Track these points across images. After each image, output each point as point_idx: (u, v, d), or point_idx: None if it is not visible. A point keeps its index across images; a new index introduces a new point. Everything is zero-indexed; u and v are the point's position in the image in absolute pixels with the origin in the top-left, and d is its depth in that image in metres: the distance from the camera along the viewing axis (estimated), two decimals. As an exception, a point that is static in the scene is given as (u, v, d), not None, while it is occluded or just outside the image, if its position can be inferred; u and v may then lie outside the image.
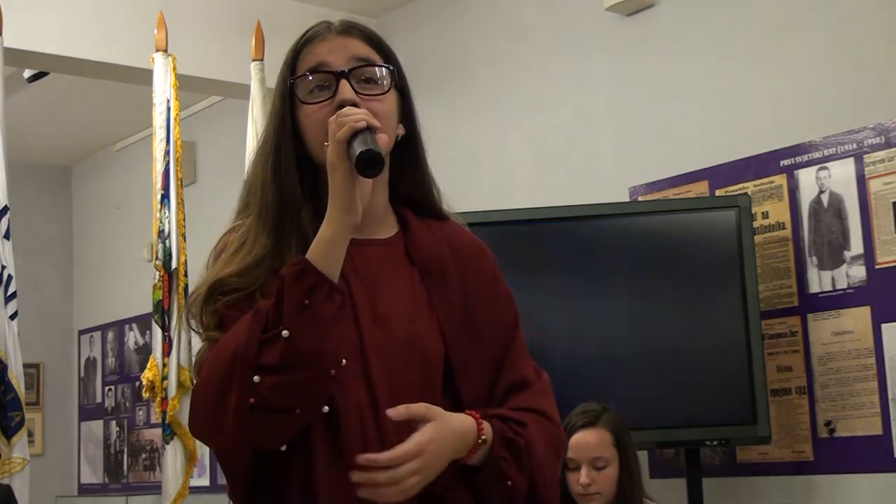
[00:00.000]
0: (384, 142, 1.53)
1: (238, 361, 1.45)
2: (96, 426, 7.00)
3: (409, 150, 1.71)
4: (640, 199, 3.95)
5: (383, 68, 1.66)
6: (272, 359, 1.43)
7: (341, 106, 1.57)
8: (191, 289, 1.65)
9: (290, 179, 1.62)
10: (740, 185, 3.68)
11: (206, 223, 1.72)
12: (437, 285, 1.66)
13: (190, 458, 4.01)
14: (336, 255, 1.50)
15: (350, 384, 1.55)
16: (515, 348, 1.69)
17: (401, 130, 1.69)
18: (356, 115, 1.51)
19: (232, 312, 1.53)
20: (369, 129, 1.50)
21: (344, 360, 1.50)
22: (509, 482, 1.57)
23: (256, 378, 1.43)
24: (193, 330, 1.61)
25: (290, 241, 1.58)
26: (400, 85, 1.69)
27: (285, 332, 1.43)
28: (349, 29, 1.68)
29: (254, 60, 4.24)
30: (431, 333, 1.62)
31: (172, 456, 3.98)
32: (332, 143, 1.50)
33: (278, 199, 1.61)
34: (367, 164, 1.46)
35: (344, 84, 1.61)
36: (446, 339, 1.62)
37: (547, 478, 1.62)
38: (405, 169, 1.71)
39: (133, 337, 6.70)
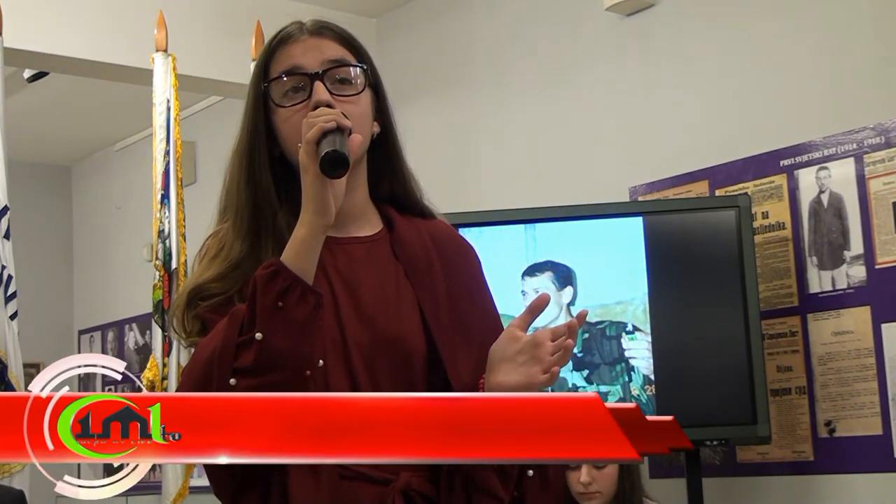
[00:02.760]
0: (357, 142, 1.53)
1: (215, 364, 1.46)
2: (96, 426, 7.00)
3: (385, 147, 1.72)
4: (640, 199, 3.95)
5: (357, 68, 1.66)
6: (247, 361, 1.44)
7: (317, 107, 1.57)
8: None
9: (264, 182, 1.63)
10: (740, 185, 3.68)
11: (206, 223, 1.72)
12: (422, 282, 1.66)
13: (190, 458, 4.01)
14: (310, 256, 1.50)
15: (333, 380, 1.56)
16: None
17: (376, 128, 1.69)
18: (326, 116, 1.51)
19: (213, 316, 1.54)
20: (339, 130, 1.50)
21: (321, 361, 1.50)
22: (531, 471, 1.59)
23: (233, 381, 1.44)
24: (177, 335, 1.61)
25: (267, 244, 1.58)
26: (374, 83, 1.70)
27: (258, 335, 1.44)
28: (321, 29, 1.68)
29: (254, 60, 4.24)
30: (415, 331, 1.63)
31: (172, 456, 3.98)
32: (303, 144, 1.50)
33: (253, 203, 1.62)
34: (332, 164, 1.46)
35: (318, 86, 1.61)
36: (433, 334, 1.63)
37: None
38: (383, 166, 1.72)
39: (133, 337, 6.70)
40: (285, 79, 1.63)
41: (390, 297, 1.64)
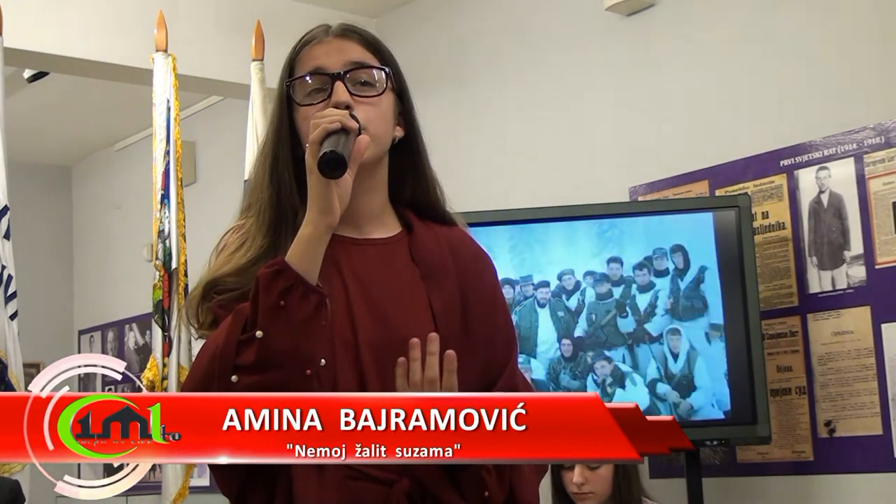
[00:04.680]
0: (364, 143, 1.53)
1: (217, 361, 1.47)
2: (96, 426, 6.99)
3: (409, 152, 1.72)
4: (640, 199, 3.95)
5: (379, 71, 1.66)
6: (248, 359, 1.45)
7: (337, 108, 1.57)
8: (191, 288, 1.67)
9: (287, 181, 1.64)
10: (740, 185, 3.68)
11: (206, 223, 1.73)
12: (437, 286, 1.67)
13: (190, 458, 4.01)
14: (314, 255, 1.50)
15: (342, 379, 1.56)
16: (511, 365, 1.70)
17: (399, 133, 1.69)
18: (331, 117, 1.51)
19: (224, 312, 1.55)
20: (344, 131, 1.50)
21: (323, 361, 1.51)
22: (486, 493, 1.57)
23: (234, 378, 1.45)
24: (193, 328, 1.62)
25: (287, 243, 1.58)
26: (398, 88, 1.70)
27: (259, 333, 1.45)
28: (347, 32, 1.69)
29: (254, 60, 4.24)
30: (425, 333, 1.62)
31: (172, 456, 3.98)
32: (308, 144, 1.51)
33: (275, 201, 1.63)
34: (329, 165, 1.47)
35: (339, 86, 1.62)
36: (442, 340, 1.63)
37: (527, 494, 1.63)
38: (406, 171, 1.72)
39: (133, 337, 6.70)
40: (309, 80, 1.65)
41: (403, 298, 1.64)
